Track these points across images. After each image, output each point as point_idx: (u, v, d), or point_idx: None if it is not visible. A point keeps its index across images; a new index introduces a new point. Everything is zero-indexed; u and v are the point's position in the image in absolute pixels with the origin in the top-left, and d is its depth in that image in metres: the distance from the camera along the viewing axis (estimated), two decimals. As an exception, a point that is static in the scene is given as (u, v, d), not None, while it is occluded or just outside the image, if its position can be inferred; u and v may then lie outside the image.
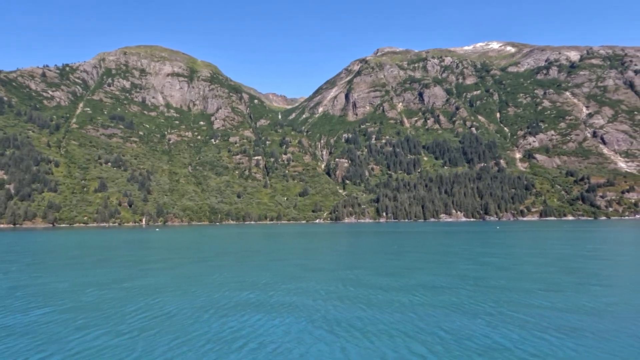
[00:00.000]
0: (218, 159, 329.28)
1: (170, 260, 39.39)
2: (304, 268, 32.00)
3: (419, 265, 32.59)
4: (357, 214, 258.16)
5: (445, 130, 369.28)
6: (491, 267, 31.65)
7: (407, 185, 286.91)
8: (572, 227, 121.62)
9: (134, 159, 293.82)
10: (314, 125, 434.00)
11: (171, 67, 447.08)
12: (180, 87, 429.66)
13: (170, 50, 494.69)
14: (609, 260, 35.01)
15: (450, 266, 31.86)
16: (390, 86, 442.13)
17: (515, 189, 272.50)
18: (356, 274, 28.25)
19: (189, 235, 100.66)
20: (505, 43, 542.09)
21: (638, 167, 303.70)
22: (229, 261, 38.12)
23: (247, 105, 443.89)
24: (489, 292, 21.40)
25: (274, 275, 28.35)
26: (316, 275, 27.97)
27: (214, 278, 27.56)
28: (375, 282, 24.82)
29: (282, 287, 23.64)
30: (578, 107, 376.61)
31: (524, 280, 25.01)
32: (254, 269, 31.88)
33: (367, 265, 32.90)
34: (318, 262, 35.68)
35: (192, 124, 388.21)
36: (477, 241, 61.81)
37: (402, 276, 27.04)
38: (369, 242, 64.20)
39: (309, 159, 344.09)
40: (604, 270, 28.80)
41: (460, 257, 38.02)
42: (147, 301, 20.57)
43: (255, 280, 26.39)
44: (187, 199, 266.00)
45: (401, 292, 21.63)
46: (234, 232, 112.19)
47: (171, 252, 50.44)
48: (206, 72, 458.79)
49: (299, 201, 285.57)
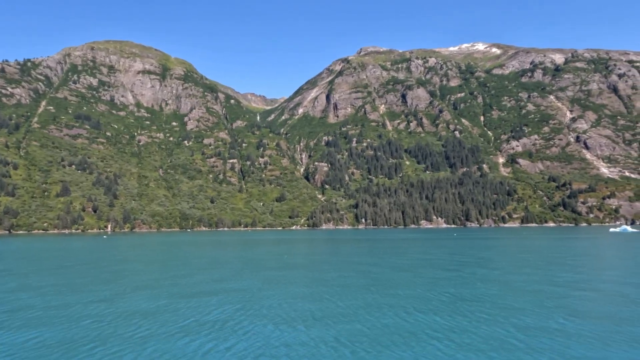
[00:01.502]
0: (191, 162, 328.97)
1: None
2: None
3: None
4: (335, 220, 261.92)
5: (428, 134, 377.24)
6: (352, 275, 34.91)
7: (388, 190, 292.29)
8: (530, 234, 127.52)
9: (101, 162, 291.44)
10: (294, 127, 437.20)
11: (142, 64, 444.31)
12: (151, 85, 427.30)
13: (142, 46, 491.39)
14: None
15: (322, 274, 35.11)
16: (372, 87, 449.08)
17: (497, 195, 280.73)
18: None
19: (139, 242, 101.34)
20: (491, 44, 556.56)
21: (620, 172, 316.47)
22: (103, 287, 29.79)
23: (222, 106, 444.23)
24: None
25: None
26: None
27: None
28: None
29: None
30: (562, 111, 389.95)
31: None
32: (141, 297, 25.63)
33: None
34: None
35: (164, 124, 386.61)
36: (398, 249, 65.72)
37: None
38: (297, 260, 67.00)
39: (287, 163, 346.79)
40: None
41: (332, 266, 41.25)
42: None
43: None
44: (156, 204, 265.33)
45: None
46: (186, 240, 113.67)
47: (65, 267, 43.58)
48: (180, 69, 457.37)
49: (275, 207, 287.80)
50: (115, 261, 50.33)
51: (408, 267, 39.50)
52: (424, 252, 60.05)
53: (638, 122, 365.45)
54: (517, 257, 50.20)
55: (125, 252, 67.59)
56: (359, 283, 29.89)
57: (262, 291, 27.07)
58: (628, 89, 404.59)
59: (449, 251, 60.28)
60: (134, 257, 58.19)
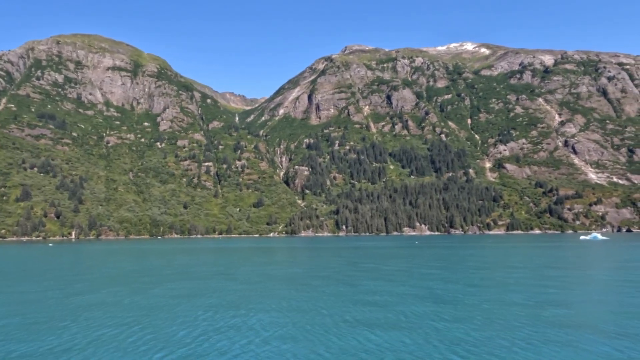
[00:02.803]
0: (163, 164, 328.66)
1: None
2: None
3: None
4: (314, 227, 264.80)
5: (414, 137, 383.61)
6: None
7: (371, 195, 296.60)
8: (499, 242, 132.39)
9: (65, 164, 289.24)
10: (274, 128, 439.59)
11: (112, 60, 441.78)
12: (122, 82, 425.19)
13: (112, 41, 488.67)
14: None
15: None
16: (356, 87, 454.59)
17: (482, 201, 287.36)
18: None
19: (85, 250, 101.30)
20: (480, 44, 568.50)
21: (608, 178, 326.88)
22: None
23: (198, 105, 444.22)
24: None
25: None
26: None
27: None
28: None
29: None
30: (551, 114, 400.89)
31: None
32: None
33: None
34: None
35: (135, 124, 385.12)
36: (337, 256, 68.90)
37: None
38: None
39: (265, 166, 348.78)
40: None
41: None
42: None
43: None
44: (125, 209, 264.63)
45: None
46: (143, 249, 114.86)
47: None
48: (153, 66, 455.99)
49: (252, 213, 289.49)
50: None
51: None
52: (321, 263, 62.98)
53: (627, 126, 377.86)
54: (443, 265, 53.50)
55: (38, 264, 64.69)
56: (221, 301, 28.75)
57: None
58: (617, 92, 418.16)
59: (347, 261, 62.42)
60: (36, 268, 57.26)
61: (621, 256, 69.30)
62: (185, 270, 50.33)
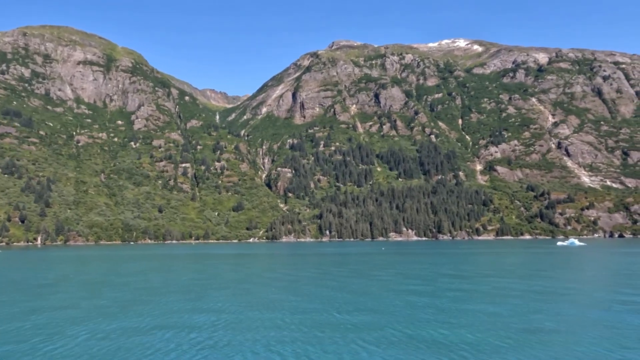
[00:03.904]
0: (137, 165, 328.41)
1: None
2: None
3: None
4: (297, 232, 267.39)
5: (403, 138, 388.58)
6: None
7: (356, 199, 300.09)
8: (476, 248, 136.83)
9: (32, 165, 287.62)
10: (256, 128, 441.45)
11: (83, 54, 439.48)
12: (94, 78, 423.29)
13: (84, 33, 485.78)
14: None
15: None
16: (343, 85, 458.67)
17: (472, 205, 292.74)
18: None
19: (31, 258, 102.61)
20: (473, 41, 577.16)
21: (601, 182, 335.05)
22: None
23: (176, 103, 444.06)
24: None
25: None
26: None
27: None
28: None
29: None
30: (544, 114, 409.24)
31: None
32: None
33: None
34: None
35: (108, 123, 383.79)
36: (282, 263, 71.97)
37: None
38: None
39: (246, 168, 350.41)
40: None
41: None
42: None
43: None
44: (96, 213, 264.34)
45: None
46: (100, 255, 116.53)
47: None
48: (127, 61, 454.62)
49: (231, 217, 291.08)
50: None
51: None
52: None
53: (622, 128, 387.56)
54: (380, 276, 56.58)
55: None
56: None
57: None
58: (613, 92, 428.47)
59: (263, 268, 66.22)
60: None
61: (572, 263, 73.13)
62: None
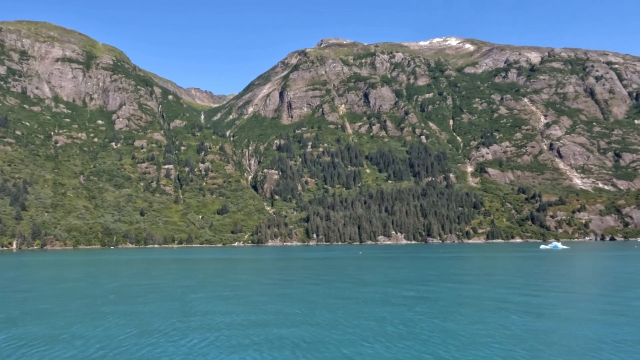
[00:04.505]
0: (118, 167, 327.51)
1: None
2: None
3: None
4: (283, 236, 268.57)
5: (392, 139, 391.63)
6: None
7: (344, 202, 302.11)
8: (458, 252, 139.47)
9: (7, 166, 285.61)
10: (242, 128, 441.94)
11: (62, 51, 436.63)
12: (73, 75, 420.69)
13: (62, 29, 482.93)
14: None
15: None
16: (332, 84, 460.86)
17: (462, 207, 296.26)
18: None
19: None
20: (464, 40, 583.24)
21: (593, 184, 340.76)
22: None
23: (159, 102, 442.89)
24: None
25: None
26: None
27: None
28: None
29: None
30: (536, 115, 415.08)
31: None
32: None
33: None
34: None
35: (88, 123, 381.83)
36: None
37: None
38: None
39: (231, 170, 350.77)
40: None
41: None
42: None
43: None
44: (74, 216, 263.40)
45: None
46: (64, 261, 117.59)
47: None
48: (108, 58, 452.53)
49: (216, 220, 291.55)
50: None
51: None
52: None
53: (614, 129, 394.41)
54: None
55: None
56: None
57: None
58: (605, 92, 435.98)
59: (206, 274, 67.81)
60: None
61: (533, 268, 75.14)
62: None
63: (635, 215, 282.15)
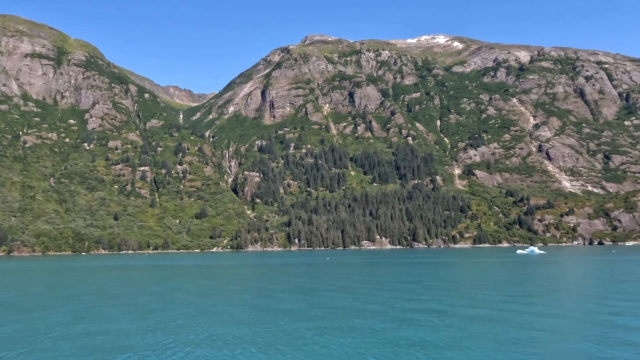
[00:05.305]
0: (91, 169, 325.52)
1: None
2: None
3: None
4: (263, 241, 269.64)
5: (378, 140, 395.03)
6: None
7: (328, 205, 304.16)
8: (434, 256, 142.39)
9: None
10: (222, 128, 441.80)
11: (31, 46, 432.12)
12: (43, 72, 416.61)
13: (32, 23, 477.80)
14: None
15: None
16: (316, 83, 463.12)
17: (449, 211, 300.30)
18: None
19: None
20: (453, 38, 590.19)
21: (582, 187, 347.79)
22: None
23: (134, 101, 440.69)
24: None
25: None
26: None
27: None
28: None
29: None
30: (525, 116, 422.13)
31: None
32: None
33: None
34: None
35: (59, 122, 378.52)
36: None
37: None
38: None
39: (210, 172, 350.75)
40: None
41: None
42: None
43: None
44: (44, 221, 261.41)
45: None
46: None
47: None
48: (80, 54, 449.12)
49: (194, 225, 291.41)
50: None
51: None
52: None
53: (604, 130, 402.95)
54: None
55: None
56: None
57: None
58: (595, 93, 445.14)
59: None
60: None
61: (499, 275, 77.63)
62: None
63: (623, 219, 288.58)
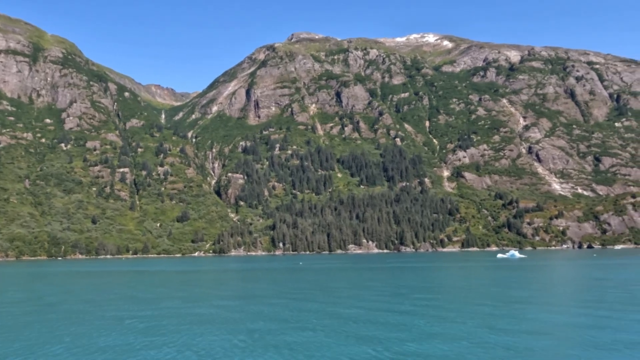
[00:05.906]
0: (68, 170, 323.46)
1: None
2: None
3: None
4: (247, 245, 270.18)
5: (366, 141, 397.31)
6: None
7: (314, 208, 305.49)
8: (412, 261, 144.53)
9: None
10: (205, 129, 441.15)
11: (6, 42, 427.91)
12: (18, 69, 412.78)
13: (6, 18, 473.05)
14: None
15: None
16: (302, 82, 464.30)
17: (437, 214, 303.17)
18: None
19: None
20: (443, 37, 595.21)
21: (572, 189, 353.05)
22: None
23: (114, 100, 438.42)
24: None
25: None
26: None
27: None
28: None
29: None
30: (515, 117, 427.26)
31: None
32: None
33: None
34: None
35: (34, 121, 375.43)
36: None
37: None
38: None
39: (193, 173, 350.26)
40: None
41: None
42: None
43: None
44: (18, 225, 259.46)
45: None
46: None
47: None
48: (57, 50, 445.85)
49: (175, 228, 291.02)
50: None
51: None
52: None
53: (594, 132, 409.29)
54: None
55: None
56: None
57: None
58: (586, 94, 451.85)
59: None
60: None
61: (472, 280, 79.56)
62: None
63: (613, 222, 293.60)
